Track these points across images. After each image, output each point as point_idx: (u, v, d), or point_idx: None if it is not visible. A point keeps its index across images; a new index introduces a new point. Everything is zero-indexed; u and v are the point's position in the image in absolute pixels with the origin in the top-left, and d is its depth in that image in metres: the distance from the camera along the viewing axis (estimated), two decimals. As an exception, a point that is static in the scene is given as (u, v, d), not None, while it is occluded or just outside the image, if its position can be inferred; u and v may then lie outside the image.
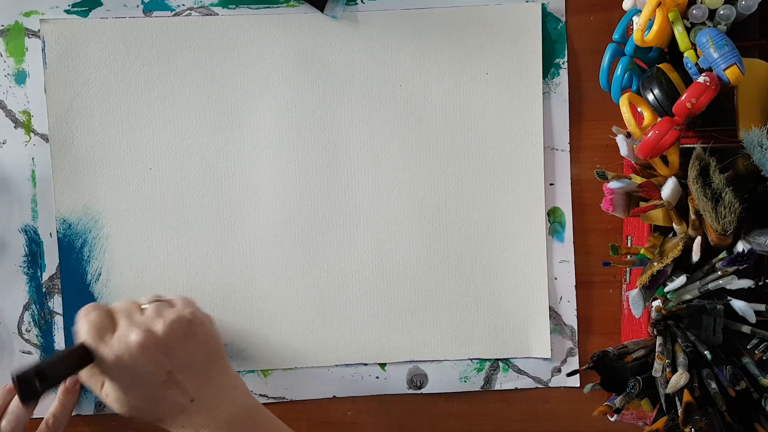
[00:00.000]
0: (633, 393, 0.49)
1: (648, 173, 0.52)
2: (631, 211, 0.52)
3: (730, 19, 0.47)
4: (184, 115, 0.60)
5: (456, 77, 0.61)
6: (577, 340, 0.62)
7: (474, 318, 0.62)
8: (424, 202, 0.61)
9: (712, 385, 0.47)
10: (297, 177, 0.61)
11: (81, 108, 0.60)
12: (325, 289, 0.61)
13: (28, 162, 0.60)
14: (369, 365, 0.62)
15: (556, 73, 0.61)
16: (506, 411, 0.63)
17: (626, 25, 0.53)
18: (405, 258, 0.61)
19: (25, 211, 0.61)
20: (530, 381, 0.62)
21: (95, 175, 0.60)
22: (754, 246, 0.46)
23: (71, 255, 0.61)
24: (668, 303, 0.51)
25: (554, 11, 0.61)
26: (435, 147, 0.61)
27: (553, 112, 0.61)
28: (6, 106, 0.60)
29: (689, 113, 0.46)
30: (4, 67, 0.60)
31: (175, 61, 0.60)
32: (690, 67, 0.48)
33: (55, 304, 0.61)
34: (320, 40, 0.61)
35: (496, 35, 0.60)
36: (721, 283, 0.47)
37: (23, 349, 0.61)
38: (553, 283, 0.62)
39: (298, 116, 0.61)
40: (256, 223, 0.61)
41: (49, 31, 0.59)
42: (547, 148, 0.61)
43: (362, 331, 0.62)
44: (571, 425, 0.63)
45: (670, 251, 0.49)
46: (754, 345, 0.49)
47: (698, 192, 0.46)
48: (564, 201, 0.61)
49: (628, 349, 0.52)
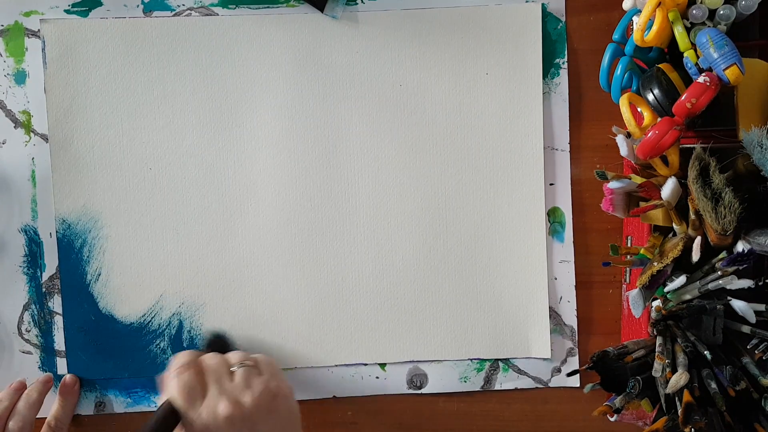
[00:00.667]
0: (633, 393, 0.49)
1: (648, 173, 0.52)
2: (631, 211, 0.52)
3: (730, 19, 0.47)
4: (184, 115, 0.60)
5: (456, 77, 0.61)
6: (577, 340, 0.62)
7: (474, 318, 0.62)
8: (424, 202, 0.61)
9: (712, 385, 0.47)
10: (297, 177, 0.61)
11: (81, 108, 0.60)
12: (325, 289, 0.61)
13: (28, 162, 0.60)
14: (369, 365, 0.62)
15: (556, 73, 0.61)
16: (506, 411, 0.63)
17: (626, 25, 0.52)
18: (405, 258, 0.61)
19: (25, 211, 0.61)
20: (530, 381, 0.62)
21: (95, 175, 0.60)
22: (754, 246, 0.46)
23: (71, 255, 0.61)
24: (668, 303, 0.51)
25: (554, 11, 0.61)
26: (435, 147, 0.61)
27: (553, 112, 0.61)
28: (6, 106, 0.60)
29: (689, 113, 0.46)
30: (3, 67, 0.60)
31: (175, 61, 0.60)
32: (690, 67, 0.48)
33: (55, 304, 0.61)
34: (320, 40, 0.60)
35: (496, 35, 0.60)
36: (721, 283, 0.47)
37: (23, 349, 0.61)
38: (553, 283, 0.62)
39: (298, 116, 0.61)
40: (256, 223, 0.61)
41: (49, 31, 0.59)
42: (547, 148, 0.61)
43: (362, 331, 0.62)
44: (571, 425, 0.63)
45: (670, 251, 0.49)
46: (754, 345, 0.49)
47: (698, 192, 0.46)
48: (564, 201, 0.61)
49: (628, 349, 0.52)
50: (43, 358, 0.61)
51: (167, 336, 0.61)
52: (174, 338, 0.61)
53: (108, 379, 0.61)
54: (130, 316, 0.61)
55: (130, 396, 0.62)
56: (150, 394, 0.62)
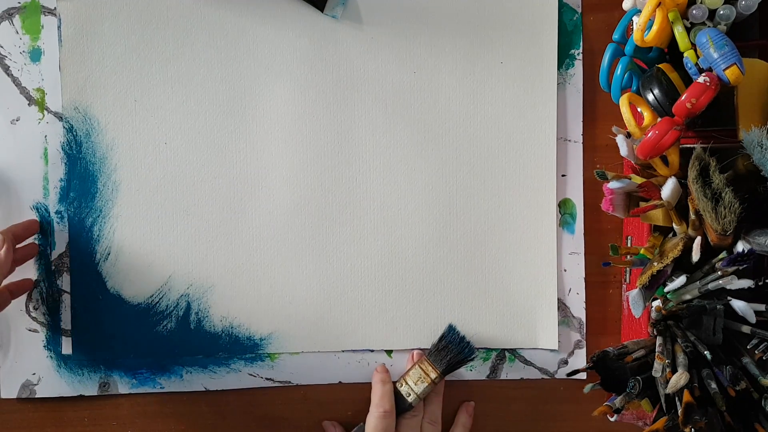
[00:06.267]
0: (633, 393, 0.49)
1: (648, 173, 0.52)
2: (631, 211, 0.52)
3: (730, 19, 0.47)
4: (198, 97, 0.60)
5: (470, 65, 0.61)
6: (585, 332, 0.62)
7: (482, 307, 0.61)
8: (434, 191, 0.61)
9: (712, 385, 0.47)
10: (308, 162, 0.61)
11: (95, 86, 0.60)
12: (333, 275, 0.61)
13: (41, 140, 0.60)
14: (375, 352, 0.62)
15: (570, 64, 0.61)
16: (505, 411, 0.63)
17: (626, 25, 0.52)
18: (414, 246, 0.61)
19: (36, 189, 0.61)
20: (536, 372, 0.62)
21: (107, 154, 0.60)
22: (754, 246, 0.46)
23: (81, 234, 0.61)
24: (668, 303, 0.51)
25: (570, 2, 0.61)
26: (447, 135, 0.61)
27: (568, 103, 0.61)
28: (20, 84, 0.60)
29: (689, 113, 0.46)
30: (19, 45, 0.60)
31: (190, 42, 0.60)
32: (690, 67, 0.48)
33: (63, 282, 0.61)
34: (335, 24, 0.60)
35: (512, 24, 0.60)
36: (721, 283, 0.47)
37: (30, 327, 0.61)
38: (563, 274, 0.61)
39: (311, 101, 0.61)
40: (267, 207, 0.61)
41: (66, 8, 0.60)
42: (559, 139, 0.61)
43: (369, 317, 0.61)
44: (571, 425, 0.63)
45: (670, 251, 0.49)
46: (754, 345, 0.49)
47: (698, 192, 0.46)
48: (575, 193, 0.61)
49: (628, 349, 0.52)
50: (48, 336, 0.61)
51: (174, 317, 0.61)
52: (181, 320, 0.61)
53: (113, 359, 0.61)
54: (137, 296, 0.61)
55: (135, 377, 0.61)
56: (155, 375, 0.61)
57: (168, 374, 0.61)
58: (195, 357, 0.61)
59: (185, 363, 0.61)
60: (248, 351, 0.61)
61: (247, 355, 0.61)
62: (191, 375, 0.61)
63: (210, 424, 0.62)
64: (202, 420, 0.62)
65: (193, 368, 0.61)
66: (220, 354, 0.61)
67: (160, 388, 0.61)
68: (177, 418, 0.62)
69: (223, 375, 0.62)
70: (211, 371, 0.61)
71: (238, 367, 0.62)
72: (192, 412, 0.62)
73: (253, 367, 0.62)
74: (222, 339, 0.61)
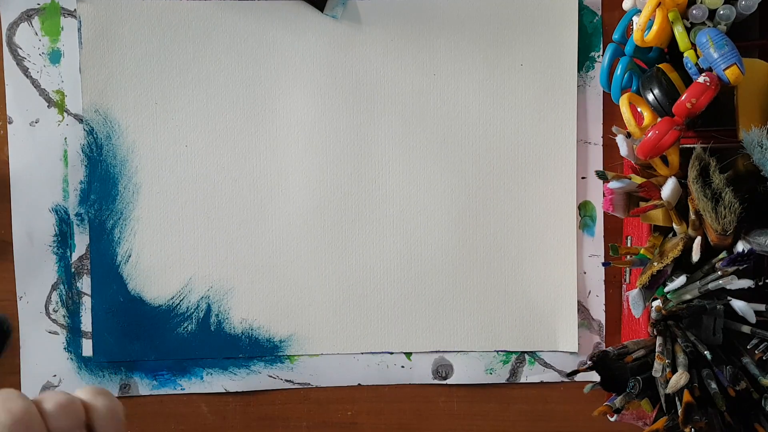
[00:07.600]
0: (633, 393, 0.49)
1: (648, 173, 0.52)
2: (631, 211, 0.52)
3: (730, 19, 0.47)
4: (218, 100, 0.60)
5: (490, 68, 0.61)
6: (604, 334, 0.62)
7: (501, 310, 0.61)
8: (454, 193, 0.61)
9: (712, 385, 0.47)
10: (328, 165, 0.61)
11: (115, 89, 0.60)
12: (352, 277, 0.61)
13: (60, 142, 0.60)
14: (395, 354, 0.62)
15: (590, 66, 0.61)
16: (505, 411, 0.63)
17: (626, 25, 0.52)
18: (434, 248, 0.61)
19: (55, 191, 0.61)
20: (556, 375, 0.62)
21: (127, 156, 0.60)
22: (754, 246, 0.46)
23: (102, 236, 0.61)
24: (668, 303, 0.51)
25: (590, 5, 0.60)
26: (467, 137, 0.61)
27: (588, 105, 0.61)
28: (40, 85, 0.60)
29: (689, 113, 0.46)
30: (39, 46, 0.60)
31: (210, 44, 0.60)
32: (690, 67, 0.48)
33: (83, 284, 0.61)
34: (355, 27, 0.60)
35: (532, 26, 0.60)
36: (721, 283, 0.47)
37: (49, 329, 0.61)
38: (583, 277, 0.62)
39: (330, 104, 0.61)
40: (286, 209, 0.61)
41: (86, 10, 0.59)
42: (580, 142, 0.61)
43: (389, 319, 0.62)
44: (571, 425, 0.63)
45: (670, 251, 0.49)
46: (754, 345, 0.49)
47: (698, 192, 0.46)
48: (595, 195, 0.61)
49: (628, 349, 0.52)
50: (69, 338, 0.61)
51: (195, 319, 0.61)
52: (201, 322, 0.61)
53: (134, 361, 0.61)
54: (158, 298, 0.61)
55: (156, 379, 0.62)
56: (176, 377, 0.62)
57: (189, 375, 0.62)
58: (215, 359, 0.62)
59: (206, 365, 0.62)
60: (268, 353, 0.62)
61: (267, 356, 0.62)
62: (211, 376, 0.62)
63: (210, 424, 0.62)
64: (202, 420, 0.62)
65: (213, 370, 0.62)
66: (240, 356, 0.62)
67: (181, 390, 0.62)
68: (177, 418, 0.62)
69: (243, 376, 0.62)
70: (231, 373, 0.62)
71: (258, 368, 0.62)
72: (192, 412, 0.62)
73: (272, 368, 0.62)
74: (242, 341, 0.61)
